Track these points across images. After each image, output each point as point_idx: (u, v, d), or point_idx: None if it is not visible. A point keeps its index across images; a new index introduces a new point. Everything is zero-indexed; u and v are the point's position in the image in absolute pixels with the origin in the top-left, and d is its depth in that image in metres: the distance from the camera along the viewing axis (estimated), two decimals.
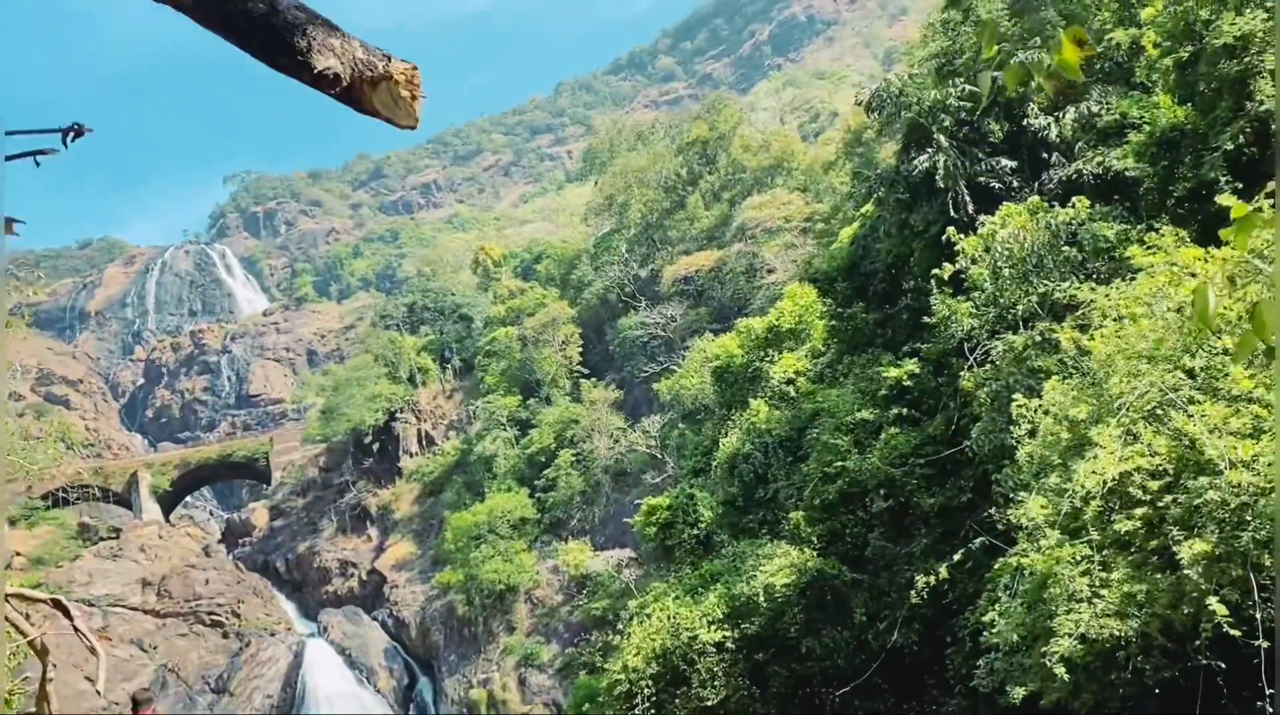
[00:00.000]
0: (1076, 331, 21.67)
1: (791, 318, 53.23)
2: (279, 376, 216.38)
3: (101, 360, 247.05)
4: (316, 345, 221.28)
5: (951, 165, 34.43)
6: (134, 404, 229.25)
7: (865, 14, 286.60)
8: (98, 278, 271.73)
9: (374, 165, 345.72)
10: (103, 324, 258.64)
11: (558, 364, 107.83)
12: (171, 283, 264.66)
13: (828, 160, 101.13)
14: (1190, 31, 26.58)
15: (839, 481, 34.67)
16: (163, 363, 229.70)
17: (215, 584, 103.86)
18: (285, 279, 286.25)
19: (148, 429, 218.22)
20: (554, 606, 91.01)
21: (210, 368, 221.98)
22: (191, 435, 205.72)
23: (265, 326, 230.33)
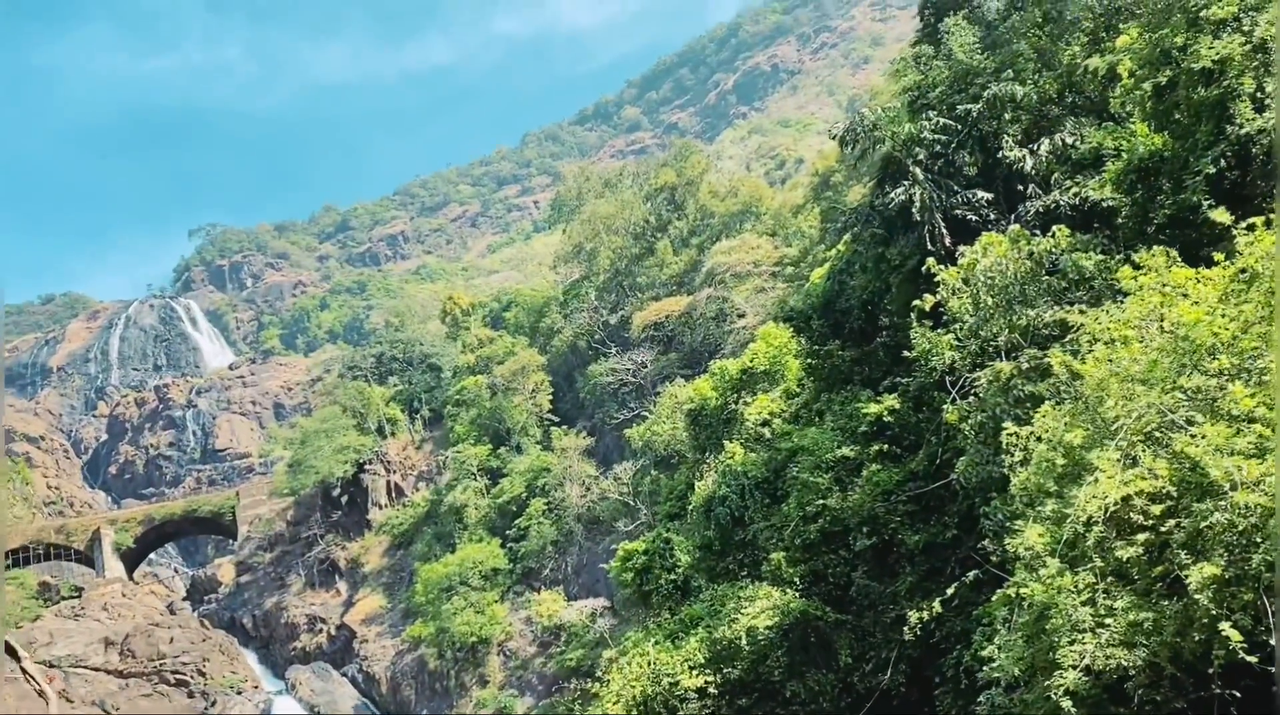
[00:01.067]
0: (1068, 356, 21.24)
1: (765, 359, 52.74)
2: (245, 430, 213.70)
3: (64, 416, 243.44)
4: (284, 398, 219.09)
5: (928, 198, 34.23)
6: (97, 460, 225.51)
7: (828, 63, 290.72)
8: (60, 333, 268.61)
9: (341, 217, 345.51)
10: (65, 380, 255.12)
11: (528, 412, 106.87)
12: (136, 337, 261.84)
13: (796, 204, 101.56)
14: (1166, 57, 26.58)
15: (820, 520, 33.99)
16: (126, 418, 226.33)
17: (180, 642, 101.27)
18: (251, 332, 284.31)
19: (111, 485, 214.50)
20: (527, 658, 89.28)
21: (175, 422, 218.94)
22: (156, 491, 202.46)
23: (231, 380, 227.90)
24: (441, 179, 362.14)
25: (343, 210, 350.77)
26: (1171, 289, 19.47)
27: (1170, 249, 21.38)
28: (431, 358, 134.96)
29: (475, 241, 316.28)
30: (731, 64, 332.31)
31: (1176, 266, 20.55)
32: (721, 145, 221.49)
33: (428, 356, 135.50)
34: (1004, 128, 34.97)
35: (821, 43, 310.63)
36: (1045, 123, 35.44)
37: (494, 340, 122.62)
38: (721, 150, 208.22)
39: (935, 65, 38.42)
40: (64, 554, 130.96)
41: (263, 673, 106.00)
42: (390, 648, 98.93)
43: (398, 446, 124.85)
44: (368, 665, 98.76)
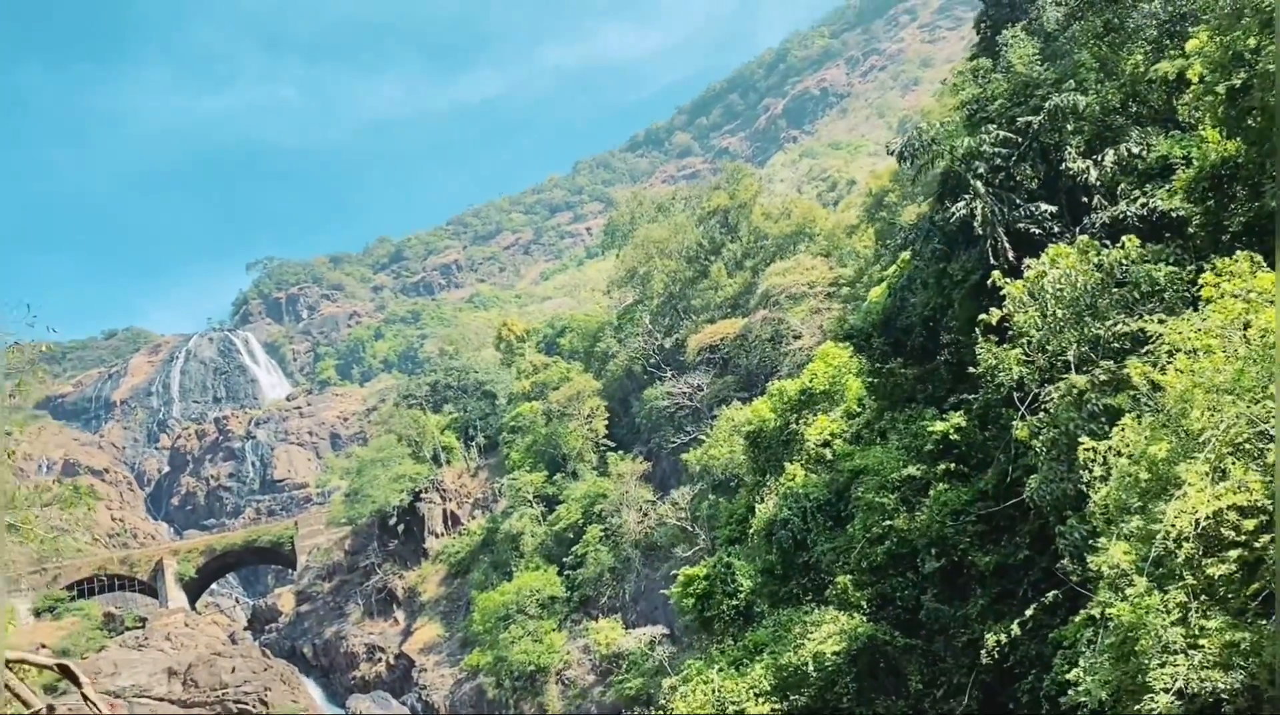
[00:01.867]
0: (1147, 367, 20.50)
1: (824, 379, 52.16)
2: (303, 461, 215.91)
3: (127, 449, 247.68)
4: (340, 428, 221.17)
5: (989, 212, 33.56)
6: (159, 492, 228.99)
7: (878, 85, 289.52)
8: (123, 367, 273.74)
9: (394, 248, 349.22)
10: (128, 413, 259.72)
11: (583, 438, 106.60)
12: (196, 370, 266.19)
13: (850, 224, 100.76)
14: (1239, 60, 25.80)
15: (887, 542, 33.22)
16: (188, 450, 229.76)
17: (242, 671, 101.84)
18: (308, 363, 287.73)
19: (173, 516, 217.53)
20: (586, 687, 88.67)
21: (235, 454, 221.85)
22: (217, 522, 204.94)
23: (289, 411, 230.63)
24: (494, 208, 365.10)
25: (396, 241, 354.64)
26: (1256, 296, 18.73)
27: (1254, 254, 20.58)
28: (486, 385, 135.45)
29: (528, 269, 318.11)
30: (781, 88, 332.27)
31: (1261, 272, 19.77)
32: (772, 168, 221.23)
33: (482, 384, 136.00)
34: (1066, 139, 34.22)
35: (870, 65, 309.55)
36: (1109, 133, 34.64)
37: (548, 366, 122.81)
38: (772, 173, 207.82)
39: (994, 78, 37.81)
40: (128, 585, 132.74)
41: (323, 701, 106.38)
42: (449, 677, 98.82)
43: (453, 474, 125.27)
44: (427, 694, 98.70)
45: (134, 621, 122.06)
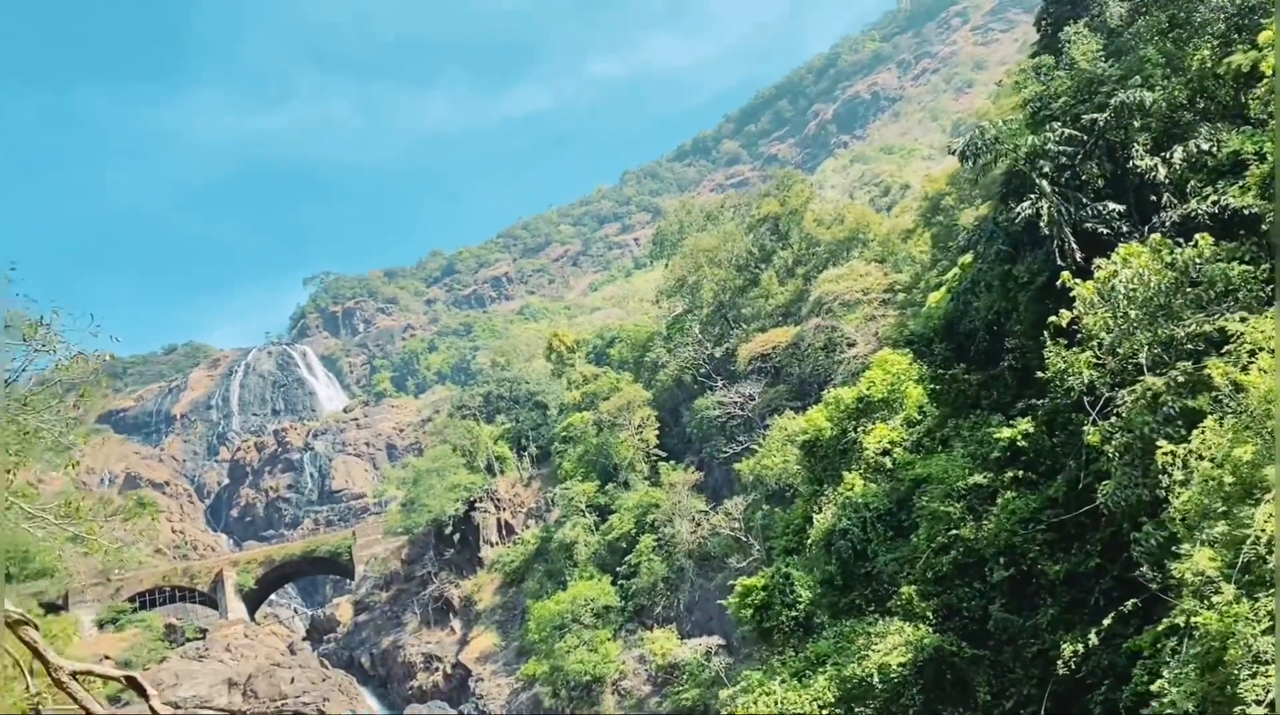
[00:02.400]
0: (1229, 367, 19.79)
1: (883, 387, 51.36)
2: (360, 471, 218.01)
3: (187, 462, 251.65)
4: (396, 439, 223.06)
5: (1055, 212, 32.81)
6: (219, 504, 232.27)
7: (930, 88, 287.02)
8: (183, 382, 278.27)
9: (446, 261, 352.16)
10: (188, 426, 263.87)
11: (635, 447, 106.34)
12: (255, 383, 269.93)
13: (905, 229, 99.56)
14: None
15: (953, 551, 32.52)
16: (247, 462, 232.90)
17: (300, 682, 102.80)
18: (364, 376, 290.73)
19: (233, 528, 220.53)
20: (642, 697, 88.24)
21: (293, 465, 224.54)
22: (276, 533, 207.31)
23: (346, 423, 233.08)
24: (543, 220, 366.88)
25: (448, 254, 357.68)
26: None
27: None
28: (538, 395, 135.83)
29: (577, 280, 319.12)
30: (831, 94, 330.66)
31: None
32: (823, 175, 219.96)
33: (534, 394, 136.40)
34: (1133, 136, 33.39)
35: (923, 69, 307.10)
36: (1176, 129, 33.75)
37: (599, 376, 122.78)
38: (823, 180, 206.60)
39: (1057, 75, 37.01)
40: (189, 596, 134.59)
41: (381, 712, 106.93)
42: (505, 686, 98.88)
43: (507, 484, 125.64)
44: (484, 704, 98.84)
45: (194, 633, 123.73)
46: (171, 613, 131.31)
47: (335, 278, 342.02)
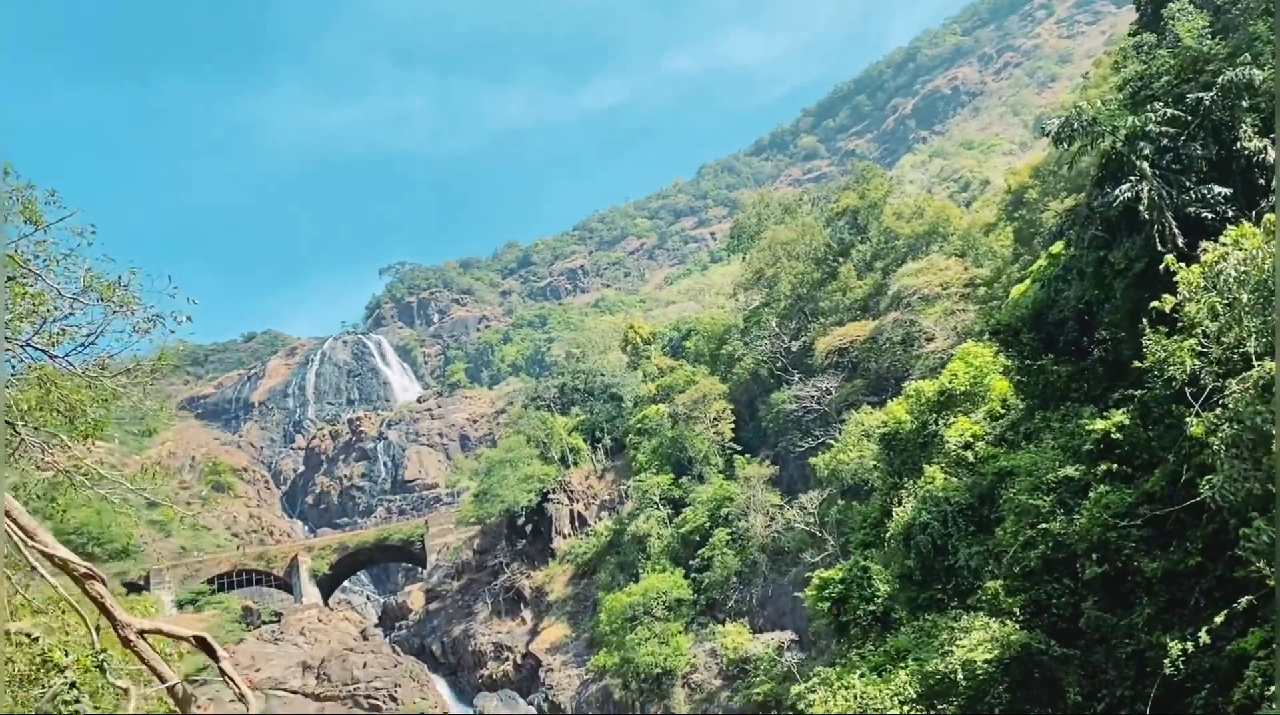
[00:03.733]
0: None
1: (965, 379, 50.15)
2: (433, 461, 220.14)
3: (264, 449, 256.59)
4: (469, 430, 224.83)
5: (1156, 195, 31.41)
6: (295, 491, 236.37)
7: (1012, 83, 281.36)
8: (261, 370, 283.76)
9: (522, 253, 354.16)
10: (266, 414, 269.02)
11: (709, 441, 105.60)
12: (331, 372, 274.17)
13: (987, 223, 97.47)
14: None
15: (1041, 546, 31.31)
16: (322, 450, 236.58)
17: (373, 667, 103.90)
18: (438, 366, 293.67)
19: (308, 515, 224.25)
20: (713, 691, 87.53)
21: (367, 454, 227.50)
22: (349, 520, 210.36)
23: (420, 413, 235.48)
24: (619, 213, 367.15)
25: (524, 246, 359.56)
26: None
27: None
28: (612, 387, 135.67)
29: (652, 274, 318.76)
30: (910, 88, 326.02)
31: None
32: (901, 170, 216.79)
33: (609, 386, 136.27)
34: (1240, 116, 31.85)
35: (1005, 62, 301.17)
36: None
37: (674, 369, 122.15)
38: (901, 175, 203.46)
39: (1159, 54, 35.51)
40: (265, 580, 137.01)
41: (451, 699, 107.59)
42: (575, 677, 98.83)
43: (580, 475, 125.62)
44: (553, 694, 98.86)
45: (270, 616, 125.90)
46: (248, 596, 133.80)
47: (411, 268, 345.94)
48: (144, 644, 8.93)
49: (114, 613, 8.77)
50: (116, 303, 14.18)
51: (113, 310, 14.25)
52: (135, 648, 8.88)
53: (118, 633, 8.86)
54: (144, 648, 8.92)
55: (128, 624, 8.89)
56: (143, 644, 8.92)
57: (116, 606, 8.80)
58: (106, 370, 14.69)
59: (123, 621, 8.85)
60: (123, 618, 8.85)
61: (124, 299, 14.22)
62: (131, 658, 9.26)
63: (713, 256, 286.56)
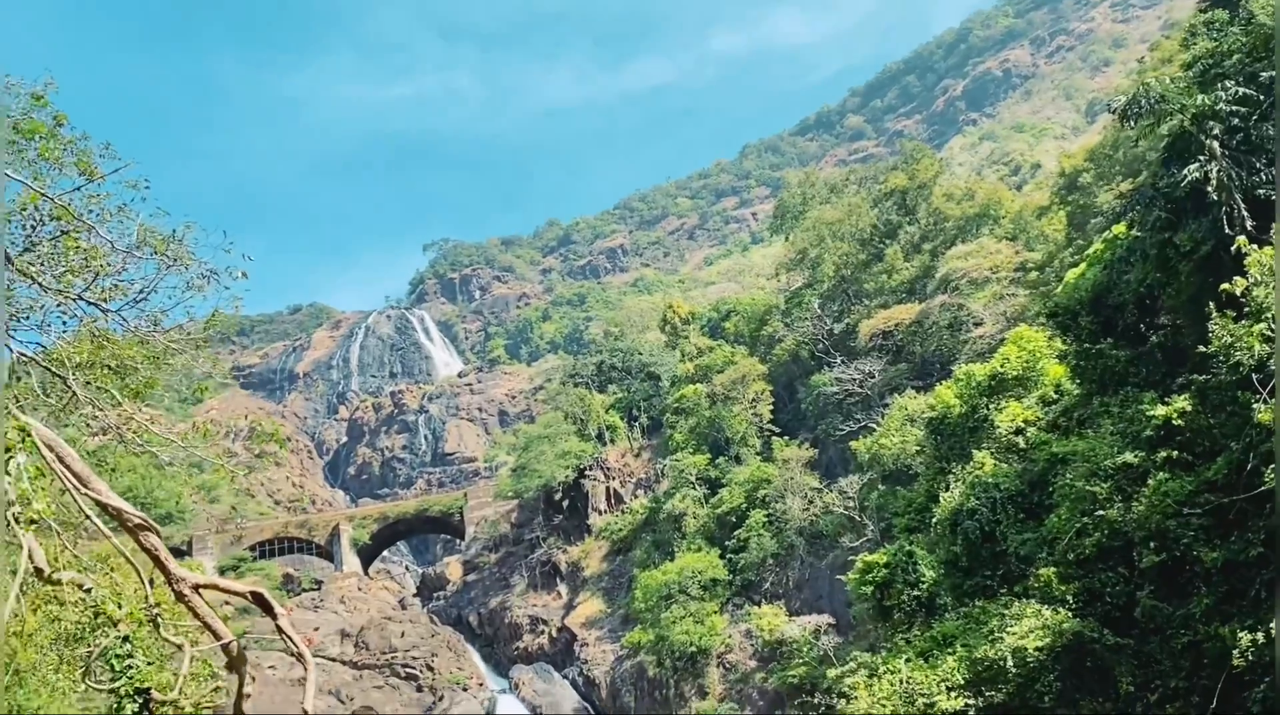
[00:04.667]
0: None
1: (1018, 363, 49.21)
2: (472, 435, 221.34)
3: (308, 419, 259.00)
4: (508, 405, 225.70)
5: (1225, 176, 30.46)
6: (337, 461, 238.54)
7: (1065, 65, 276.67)
8: (306, 341, 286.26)
9: (563, 231, 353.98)
10: (310, 385, 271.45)
11: (747, 422, 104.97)
12: (374, 346, 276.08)
13: (1040, 206, 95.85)
14: None
15: (1097, 533, 30.59)
16: (364, 422, 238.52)
17: (410, 637, 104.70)
18: (479, 342, 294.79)
19: (349, 485, 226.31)
20: (748, 672, 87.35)
21: (408, 427, 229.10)
22: (390, 491, 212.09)
23: (460, 387, 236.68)
24: (660, 192, 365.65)
25: (565, 224, 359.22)
26: None
27: None
28: (650, 366, 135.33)
29: (692, 254, 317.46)
30: (960, 70, 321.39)
31: None
32: (950, 152, 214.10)
33: (647, 365, 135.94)
34: None
35: (1057, 45, 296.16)
36: None
37: (713, 349, 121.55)
38: (950, 157, 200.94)
39: (1230, 31, 34.39)
40: (306, 548, 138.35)
41: (487, 671, 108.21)
42: (610, 652, 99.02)
43: (617, 453, 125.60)
44: (588, 669, 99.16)
45: (310, 583, 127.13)
46: (289, 563, 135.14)
47: (454, 244, 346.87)
48: (199, 599, 8.67)
49: (169, 566, 8.50)
50: (170, 257, 13.95)
51: (166, 265, 14.02)
52: (190, 603, 8.62)
53: (172, 587, 8.61)
54: (199, 603, 8.65)
55: (183, 578, 8.62)
56: (198, 599, 8.66)
57: (171, 560, 8.54)
58: (159, 327, 14.47)
59: (177, 576, 8.59)
60: (177, 572, 8.59)
61: (178, 253, 13.98)
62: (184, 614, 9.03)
63: (754, 237, 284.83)
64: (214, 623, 8.74)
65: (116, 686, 8.12)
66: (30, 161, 14.35)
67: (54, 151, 14.18)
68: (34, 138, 14.21)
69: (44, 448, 7.79)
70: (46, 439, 7.93)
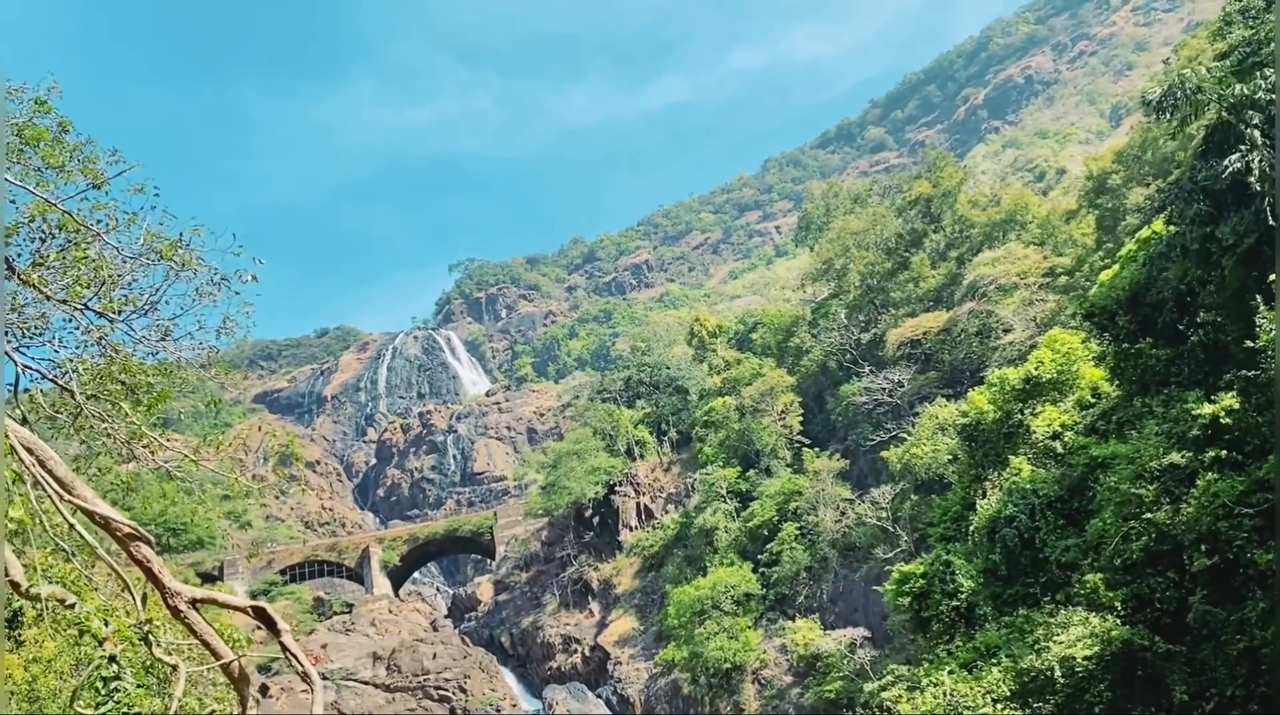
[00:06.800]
0: None
1: (1052, 367, 48.20)
2: (501, 454, 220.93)
3: (337, 442, 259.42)
4: (536, 423, 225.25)
5: (1268, 166, 29.52)
6: (366, 483, 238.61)
7: (1088, 71, 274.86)
8: (334, 364, 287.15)
9: (588, 249, 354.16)
10: (338, 408, 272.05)
11: (777, 434, 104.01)
12: (401, 367, 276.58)
13: (1067, 210, 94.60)
14: None
15: (1144, 538, 29.58)
16: (393, 443, 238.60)
17: (442, 658, 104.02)
18: (506, 361, 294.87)
19: (379, 507, 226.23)
20: (783, 687, 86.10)
21: (437, 447, 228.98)
22: (419, 512, 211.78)
23: (488, 406, 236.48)
24: (683, 208, 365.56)
25: (589, 242, 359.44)
26: None
27: None
28: (678, 380, 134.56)
29: (717, 268, 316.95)
30: (981, 78, 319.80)
31: None
32: (973, 160, 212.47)
33: (674, 379, 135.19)
34: None
35: (1079, 51, 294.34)
36: None
37: (741, 362, 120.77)
38: (974, 166, 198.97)
39: (1267, 19, 33.47)
40: (336, 571, 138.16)
41: (520, 691, 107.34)
42: (644, 670, 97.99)
43: (646, 468, 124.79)
44: (622, 688, 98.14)
45: (341, 607, 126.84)
46: (320, 587, 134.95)
47: (479, 264, 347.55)
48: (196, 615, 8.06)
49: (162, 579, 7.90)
50: (178, 263, 13.43)
51: (174, 271, 13.50)
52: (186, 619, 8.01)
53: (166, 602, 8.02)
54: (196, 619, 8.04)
55: (178, 592, 8.01)
56: (195, 615, 8.05)
57: (165, 572, 7.94)
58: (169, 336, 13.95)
59: (172, 590, 7.98)
60: (172, 585, 7.99)
61: (186, 259, 13.46)
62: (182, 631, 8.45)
63: (778, 250, 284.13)
64: (213, 640, 8.11)
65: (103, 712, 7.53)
66: (35, 169, 13.90)
67: (58, 157, 13.72)
68: (37, 144, 13.75)
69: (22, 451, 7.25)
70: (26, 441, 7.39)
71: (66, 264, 13.76)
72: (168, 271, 13.47)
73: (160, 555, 8.23)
